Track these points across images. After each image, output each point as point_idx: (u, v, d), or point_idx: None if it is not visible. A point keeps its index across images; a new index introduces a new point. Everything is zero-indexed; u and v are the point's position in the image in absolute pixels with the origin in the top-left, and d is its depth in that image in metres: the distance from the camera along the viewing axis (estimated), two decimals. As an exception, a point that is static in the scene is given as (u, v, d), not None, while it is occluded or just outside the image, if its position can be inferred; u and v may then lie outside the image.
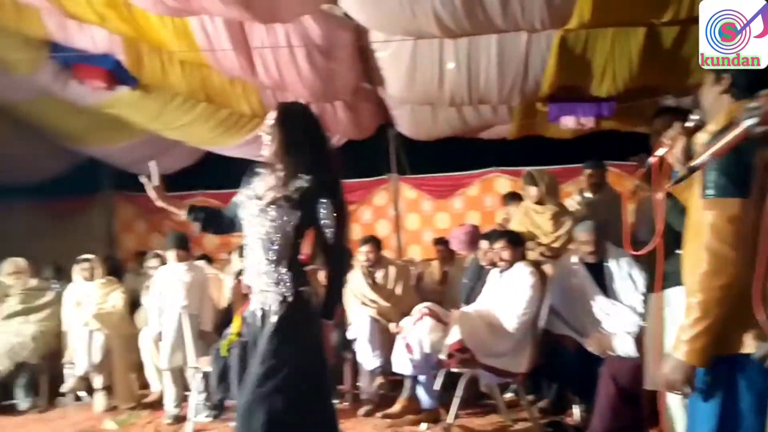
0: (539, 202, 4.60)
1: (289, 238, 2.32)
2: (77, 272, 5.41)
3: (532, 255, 4.45)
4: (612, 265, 4.11)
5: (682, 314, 1.84)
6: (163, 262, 5.34)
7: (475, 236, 5.12)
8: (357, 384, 4.73)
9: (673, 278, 2.46)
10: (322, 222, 2.31)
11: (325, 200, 2.29)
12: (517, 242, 4.21)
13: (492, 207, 7.71)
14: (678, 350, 1.69)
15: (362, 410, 4.51)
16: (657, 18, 3.99)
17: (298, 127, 2.35)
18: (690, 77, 4.67)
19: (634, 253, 1.59)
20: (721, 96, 1.81)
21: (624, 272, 4.11)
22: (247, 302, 4.60)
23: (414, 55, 4.70)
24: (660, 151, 1.97)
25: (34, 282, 5.59)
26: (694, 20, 3.93)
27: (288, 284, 2.33)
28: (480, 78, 4.84)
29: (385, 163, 8.09)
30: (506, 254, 4.14)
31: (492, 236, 4.45)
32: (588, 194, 4.83)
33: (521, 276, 4.10)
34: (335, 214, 2.30)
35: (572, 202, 4.88)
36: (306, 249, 2.38)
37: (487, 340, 3.98)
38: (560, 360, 4.09)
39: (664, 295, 2.61)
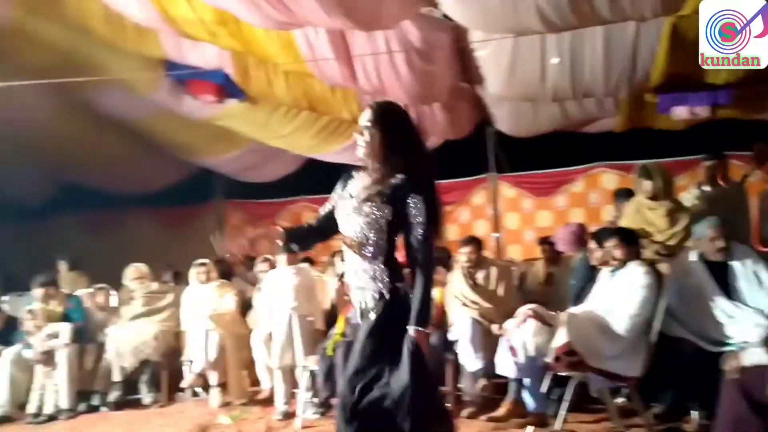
0: (653, 198, 4.38)
1: (383, 233, 2.33)
2: (194, 276, 5.75)
3: (647, 254, 4.25)
4: (735, 263, 3.86)
5: None
6: (272, 266, 5.57)
7: (581, 235, 4.97)
8: (458, 386, 4.71)
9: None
10: (412, 220, 2.28)
11: (416, 197, 2.26)
12: (630, 240, 4.04)
13: (597, 203, 7.42)
14: None
15: (465, 412, 4.49)
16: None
17: (393, 125, 2.36)
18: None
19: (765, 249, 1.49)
20: None
21: (749, 271, 3.85)
22: (351, 304, 4.76)
23: (515, 51, 4.63)
24: None
25: (155, 285, 5.99)
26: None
27: (385, 280, 2.33)
28: (585, 71, 4.68)
29: (483, 162, 7.99)
30: (618, 253, 3.98)
31: (601, 235, 4.29)
32: (707, 188, 4.54)
33: (635, 275, 3.92)
34: (426, 212, 2.27)
35: (689, 197, 4.61)
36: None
37: (597, 343, 3.84)
38: (677, 363, 3.89)
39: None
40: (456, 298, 4.79)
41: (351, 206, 2.39)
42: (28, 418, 5.25)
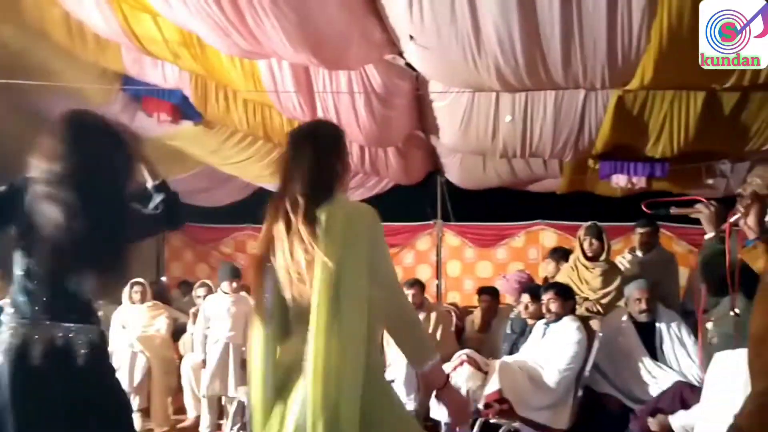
0: (593, 257, 4.57)
1: None
2: (126, 295, 5.57)
3: (579, 310, 4.42)
4: (662, 325, 4.06)
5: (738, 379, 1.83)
6: (210, 291, 5.47)
7: (528, 285, 5.10)
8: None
9: (722, 341, 2.45)
10: None
11: None
12: (566, 295, 4.19)
13: (536, 259, 7.67)
14: (742, 419, 1.67)
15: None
16: (719, 84, 4.01)
17: None
18: (748, 143, 4.66)
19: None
20: None
21: (674, 335, 4.05)
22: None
23: (471, 106, 4.81)
24: (733, 218, 1.96)
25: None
26: (757, 87, 3.99)
27: None
28: (535, 132, 4.91)
29: (431, 209, 8.19)
30: (554, 306, 4.11)
31: (533, 290, 4.44)
32: (639, 253, 4.78)
33: (568, 330, 4.05)
34: None
35: (622, 261, 4.83)
36: None
37: (527, 393, 3.93)
38: (602, 420, 4.01)
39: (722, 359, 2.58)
40: (394, 339, 4.79)
41: None
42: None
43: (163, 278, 8.59)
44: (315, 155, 1.80)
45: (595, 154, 5.34)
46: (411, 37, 3.70)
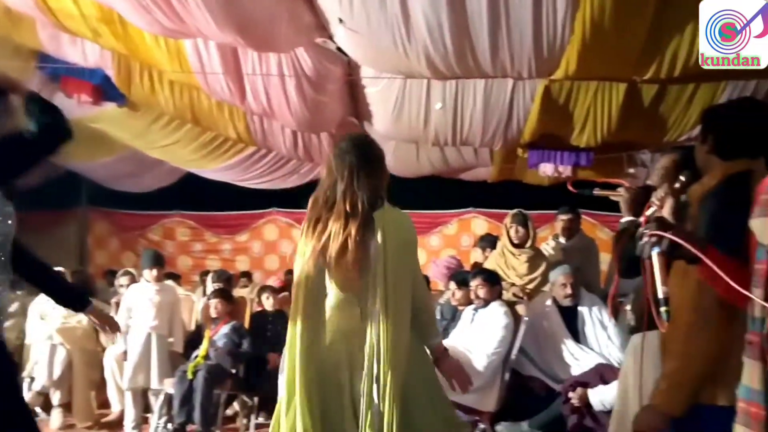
0: (519, 244, 4.67)
1: None
2: (45, 285, 5.30)
3: (504, 295, 4.52)
4: (584, 309, 4.20)
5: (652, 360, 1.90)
6: (134, 280, 5.28)
7: (458, 270, 5.17)
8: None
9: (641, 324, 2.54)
10: None
11: None
12: (494, 281, 4.27)
13: (468, 246, 7.81)
14: (656, 398, 1.73)
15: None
16: (638, 75, 4.16)
17: None
18: (666, 134, 4.87)
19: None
20: (709, 155, 1.86)
21: (595, 318, 4.20)
22: (220, 324, 4.62)
23: (402, 93, 4.80)
24: (649, 211, 2.01)
25: (-2, 292, 5.45)
26: (673, 80, 4.16)
27: None
28: (465, 120, 4.96)
29: (365, 197, 8.16)
30: (483, 292, 4.18)
31: (460, 277, 4.51)
32: (562, 240, 4.93)
33: (495, 315, 4.14)
34: None
35: (546, 247, 4.97)
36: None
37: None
38: (528, 401, 4.13)
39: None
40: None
41: None
42: None
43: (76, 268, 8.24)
44: (378, 166, 2.21)
45: (524, 143, 5.45)
46: (340, 21, 3.66)
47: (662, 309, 1.45)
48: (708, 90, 4.35)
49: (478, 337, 4.13)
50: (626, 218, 2.46)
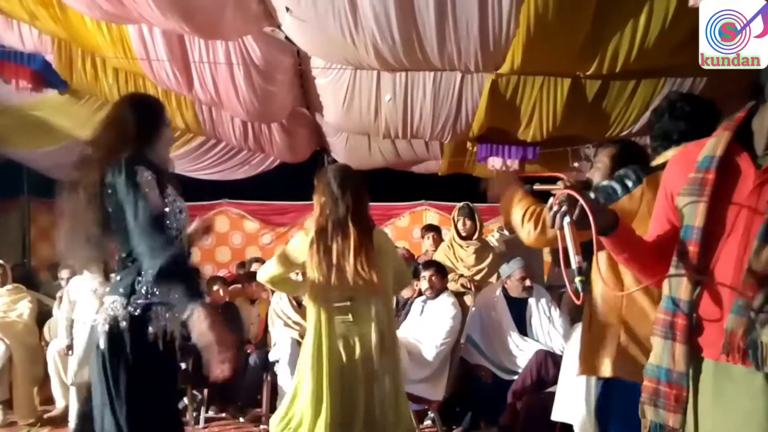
0: (467, 236, 4.74)
1: None
2: (-16, 279, 5.12)
3: (453, 286, 4.58)
4: (532, 301, 4.30)
5: None
6: (75, 273, 5.14)
7: (408, 260, 5.20)
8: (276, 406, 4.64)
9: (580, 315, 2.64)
10: None
11: None
12: (443, 273, 4.33)
13: (420, 239, 7.86)
14: None
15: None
16: (582, 70, 4.25)
17: None
18: (609, 129, 5.00)
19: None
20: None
21: (542, 309, 4.30)
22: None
23: (352, 84, 4.79)
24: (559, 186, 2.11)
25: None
26: (615, 75, 4.26)
27: None
28: (415, 113, 4.98)
29: (318, 189, 8.13)
30: (432, 284, 4.23)
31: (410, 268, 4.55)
32: (506, 232, 5.02)
33: (444, 306, 4.20)
34: None
35: (492, 239, 5.06)
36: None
37: (406, 367, 4.03)
38: (475, 389, 4.21)
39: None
40: (279, 317, 4.76)
41: None
42: None
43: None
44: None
45: (473, 137, 5.52)
46: (287, 9, 3.62)
47: (576, 279, 1.42)
48: (648, 86, 4.48)
49: (428, 328, 4.18)
50: None
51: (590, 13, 3.56)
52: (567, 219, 1.45)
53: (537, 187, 2.57)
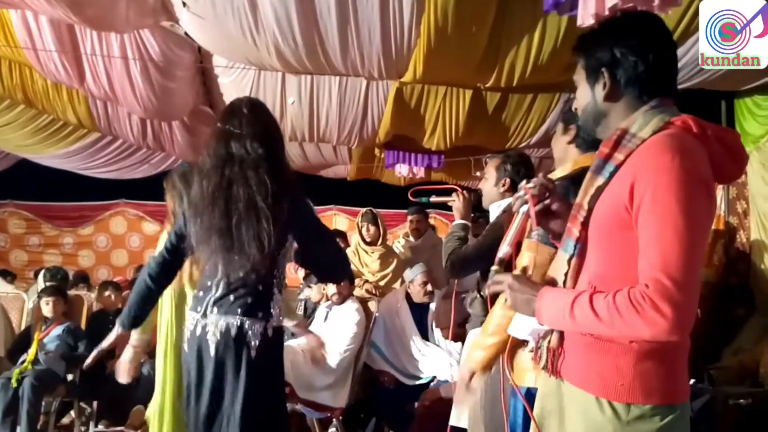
0: (371, 242, 4.74)
1: None
2: None
3: (358, 292, 4.56)
4: (433, 307, 4.34)
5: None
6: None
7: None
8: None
9: (474, 321, 2.69)
10: None
11: None
12: (353, 279, 4.30)
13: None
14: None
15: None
16: (481, 82, 4.36)
17: None
18: (509, 141, 5.17)
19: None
20: (569, 146, 1.95)
21: (441, 314, 4.36)
22: (53, 326, 4.23)
23: (257, 85, 4.68)
24: (531, 183, 2.09)
25: None
26: (513, 89, 4.41)
27: None
28: (321, 117, 4.94)
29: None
30: (341, 289, 4.18)
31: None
32: (411, 238, 5.07)
33: (348, 312, 4.16)
34: None
35: (397, 245, 5.09)
36: None
37: (308, 375, 3.96)
38: (378, 395, 4.20)
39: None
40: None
41: None
42: None
43: None
44: None
45: (380, 143, 5.54)
46: (184, 4, 3.48)
47: (493, 267, 1.37)
48: (544, 100, 4.67)
49: (332, 334, 4.13)
50: (457, 221, 2.59)
51: (488, 28, 3.65)
52: (524, 208, 1.42)
53: (434, 199, 2.60)
